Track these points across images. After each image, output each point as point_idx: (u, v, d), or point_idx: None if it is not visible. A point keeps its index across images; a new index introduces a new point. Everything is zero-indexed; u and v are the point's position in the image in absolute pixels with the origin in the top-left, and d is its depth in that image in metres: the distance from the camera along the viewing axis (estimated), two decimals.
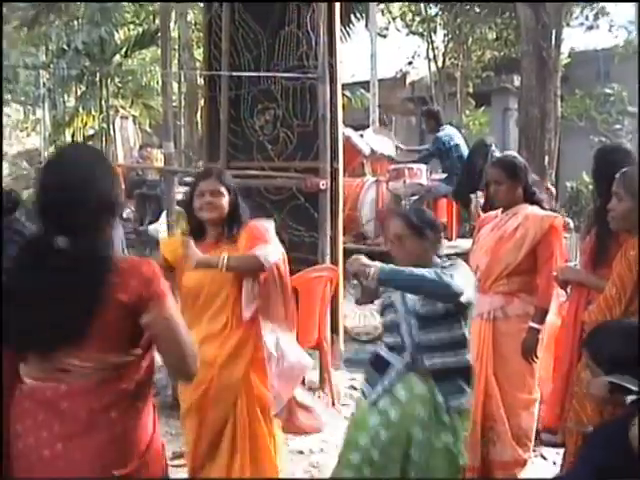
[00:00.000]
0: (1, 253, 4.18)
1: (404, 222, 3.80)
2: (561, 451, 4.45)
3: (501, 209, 4.90)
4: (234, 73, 7.54)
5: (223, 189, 4.24)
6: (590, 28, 18.49)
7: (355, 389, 7.20)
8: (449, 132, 9.86)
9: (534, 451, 5.17)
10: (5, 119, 30.89)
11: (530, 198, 4.83)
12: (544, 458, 5.50)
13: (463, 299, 3.50)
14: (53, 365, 2.61)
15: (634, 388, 2.81)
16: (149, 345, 2.72)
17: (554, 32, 12.68)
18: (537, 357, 4.63)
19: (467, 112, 19.56)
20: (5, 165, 30.89)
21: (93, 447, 2.59)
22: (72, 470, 2.58)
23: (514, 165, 4.87)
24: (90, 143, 24.80)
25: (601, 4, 17.97)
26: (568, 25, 16.76)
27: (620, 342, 2.99)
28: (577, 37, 17.67)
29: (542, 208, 4.82)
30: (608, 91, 16.45)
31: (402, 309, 3.75)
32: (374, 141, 10.65)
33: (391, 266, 3.57)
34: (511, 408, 4.64)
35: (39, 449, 2.59)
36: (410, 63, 20.92)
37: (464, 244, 8.98)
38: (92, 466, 2.59)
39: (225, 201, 4.24)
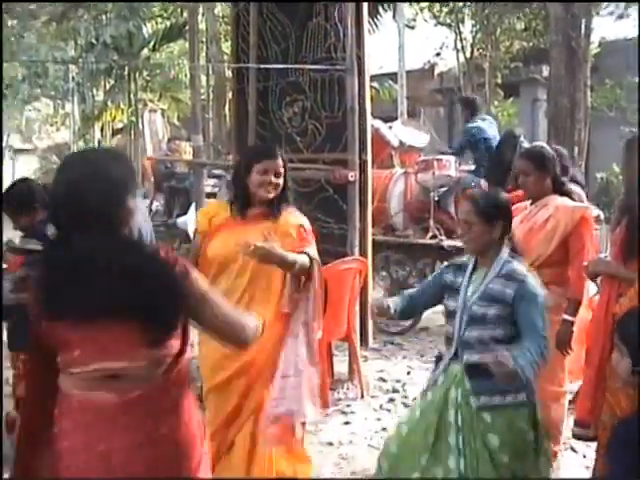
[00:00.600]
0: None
1: (472, 208, 3.73)
2: (592, 444, 4.42)
3: (530, 201, 4.87)
4: (262, 65, 7.54)
5: (283, 170, 4.31)
6: (620, 17, 18.29)
7: (384, 380, 7.23)
8: (479, 124, 9.77)
9: (564, 444, 5.15)
10: (35, 113, 31.25)
11: (559, 189, 4.79)
12: (574, 451, 5.48)
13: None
14: (102, 372, 2.58)
15: None
16: (187, 336, 2.73)
17: (583, 21, 12.58)
18: (571, 349, 4.60)
19: (495, 103, 19.45)
20: (35, 159, 31.24)
21: (150, 457, 2.59)
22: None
23: (542, 156, 4.83)
24: (119, 136, 25.02)
25: None
26: (598, 14, 16.60)
27: None
28: (607, 26, 17.42)
29: (572, 199, 4.79)
30: (638, 81, 16.28)
31: (461, 302, 3.73)
32: (403, 133, 10.61)
33: (521, 359, 3.37)
34: (543, 400, 4.62)
35: (93, 462, 2.58)
36: (438, 54, 20.84)
37: None
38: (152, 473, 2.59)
39: (282, 182, 4.31)
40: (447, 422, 3.68)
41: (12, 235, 4.99)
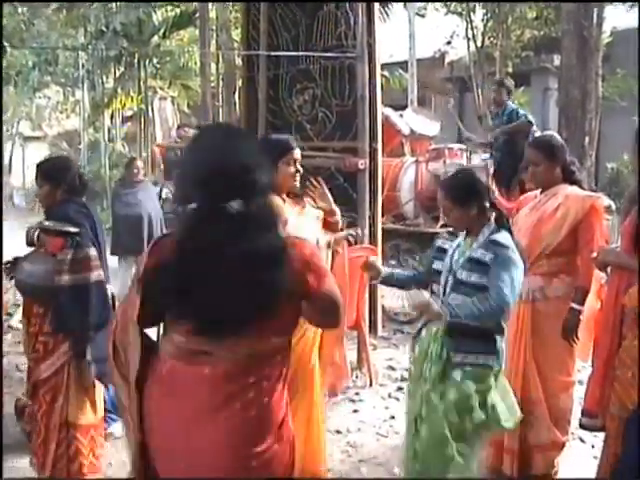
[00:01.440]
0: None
1: (446, 194, 3.91)
2: (600, 435, 4.42)
3: (540, 190, 4.85)
4: (272, 53, 7.54)
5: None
6: (632, 6, 18.20)
7: (393, 369, 7.23)
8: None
9: (572, 434, 5.15)
10: (45, 101, 31.27)
11: (569, 178, 4.76)
12: (582, 441, 5.48)
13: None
14: (199, 349, 2.64)
15: None
16: (293, 331, 2.81)
17: (595, 10, 12.49)
18: (578, 338, 4.59)
19: None
20: (45, 146, 31.30)
21: (230, 429, 2.64)
22: (210, 451, 2.64)
23: (551, 145, 4.79)
24: (129, 124, 25.05)
25: None
26: (610, 2, 16.49)
27: None
28: (619, 15, 17.34)
29: (581, 188, 4.76)
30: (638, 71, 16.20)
31: (447, 264, 3.90)
32: (413, 121, 10.59)
33: (454, 306, 3.63)
34: (550, 390, 4.61)
35: (177, 431, 2.67)
36: (449, 43, 20.77)
37: None
38: (229, 446, 2.64)
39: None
40: (424, 376, 3.85)
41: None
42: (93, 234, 4.52)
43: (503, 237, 3.78)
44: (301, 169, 4.35)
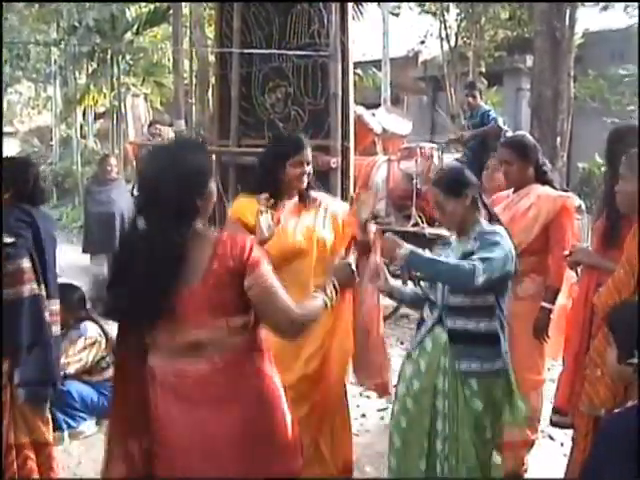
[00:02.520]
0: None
1: (439, 187, 3.88)
2: (569, 432, 4.45)
3: (512, 189, 4.88)
4: (245, 50, 7.51)
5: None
6: (605, 8, 18.33)
7: None
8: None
9: (542, 432, 5.17)
10: (16, 96, 30.99)
11: (541, 178, 4.79)
12: (552, 439, 5.52)
13: (498, 273, 3.62)
14: (184, 339, 2.82)
15: None
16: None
17: (568, 12, 12.56)
18: (548, 337, 4.62)
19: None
20: (16, 142, 31.02)
21: (242, 418, 2.86)
22: (221, 448, 2.84)
23: (524, 145, 4.84)
24: (101, 121, 24.88)
25: None
26: (582, 4, 16.61)
27: None
28: (591, 17, 17.46)
29: (553, 188, 4.79)
30: (622, 72, 16.31)
31: None
32: (386, 120, 10.61)
33: (421, 253, 3.71)
34: (520, 389, 4.63)
35: (186, 435, 2.85)
36: (422, 42, 20.81)
37: None
38: (242, 435, 2.85)
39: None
40: (437, 389, 3.80)
41: None
42: (36, 244, 4.30)
43: (490, 227, 3.81)
44: (310, 170, 4.35)
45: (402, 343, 8.06)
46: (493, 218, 3.92)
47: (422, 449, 3.82)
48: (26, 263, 4.19)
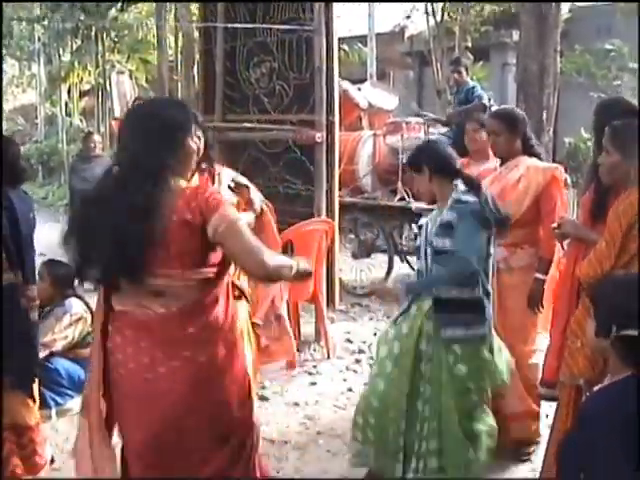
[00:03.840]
0: None
1: (408, 164, 4.18)
2: (554, 404, 4.47)
3: (500, 162, 4.89)
4: (230, 25, 7.48)
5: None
6: None
7: (350, 342, 7.26)
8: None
9: None
10: None
11: (529, 150, 4.80)
12: None
13: (480, 245, 3.81)
14: (145, 289, 2.91)
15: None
16: (222, 264, 3.02)
17: None
18: (543, 307, 4.65)
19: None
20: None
21: (191, 366, 2.94)
22: (173, 390, 2.93)
23: (513, 116, 4.83)
24: (86, 98, 24.72)
25: None
26: None
27: (625, 295, 2.97)
28: None
29: (540, 160, 4.81)
30: (608, 47, 16.26)
31: (424, 237, 4.04)
32: (372, 95, 10.58)
33: (414, 282, 4.05)
34: (519, 360, 4.59)
35: (140, 373, 2.95)
36: (408, 17, 20.69)
37: None
38: (192, 382, 2.95)
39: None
40: (421, 353, 3.93)
41: None
42: (13, 229, 4.22)
43: (464, 196, 3.90)
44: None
45: (389, 317, 8.07)
46: (473, 185, 3.99)
47: (402, 411, 3.93)
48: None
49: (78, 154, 10.71)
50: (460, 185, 3.98)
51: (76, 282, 6.00)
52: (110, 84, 20.70)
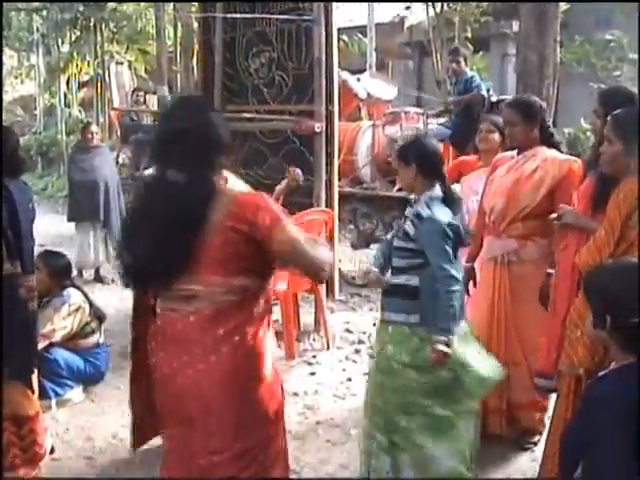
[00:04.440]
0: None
1: (394, 155, 4.28)
2: (553, 396, 4.48)
3: (517, 151, 4.81)
4: (229, 15, 7.46)
5: None
6: None
7: (350, 332, 7.27)
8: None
9: None
10: None
11: (548, 140, 4.72)
12: None
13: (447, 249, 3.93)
14: (180, 293, 2.92)
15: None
16: (268, 275, 3.05)
17: None
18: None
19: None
20: None
21: (220, 371, 2.92)
22: (202, 393, 2.93)
23: (529, 105, 4.73)
24: (85, 89, 24.67)
25: None
26: None
27: (617, 284, 2.97)
28: None
29: (559, 151, 4.73)
30: (608, 37, 16.23)
31: (394, 232, 4.21)
32: (371, 85, 10.58)
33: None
34: (530, 352, 4.62)
35: (173, 376, 2.96)
36: (408, 8, 20.60)
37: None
38: (220, 388, 2.93)
39: None
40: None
41: None
42: (12, 220, 4.25)
43: (425, 210, 3.96)
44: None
45: None
46: (447, 190, 4.08)
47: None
48: None
49: (76, 144, 10.68)
50: (437, 189, 4.04)
51: (74, 273, 6.04)
52: (109, 75, 20.68)
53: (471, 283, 4.86)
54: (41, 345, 5.42)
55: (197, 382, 2.92)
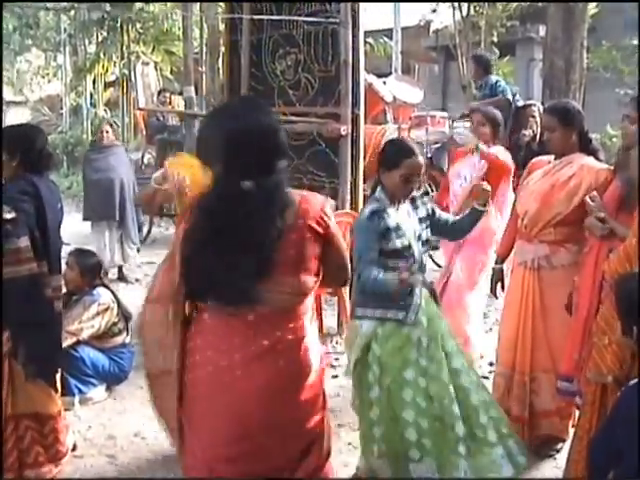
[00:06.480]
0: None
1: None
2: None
3: (554, 156, 4.77)
4: (255, 17, 7.47)
5: None
6: None
7: None
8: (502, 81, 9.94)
9: None
10: (26, 65, 30.90)
11: (586, 147, 4.68)
12: None
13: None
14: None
15: None
16: (319, 274, 3.03)
17: None
18: None
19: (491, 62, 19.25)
20: (26, 111, 30.99)
21: (274, 370, 2.91)
22: (253, 394, 2.88)
23: (567, 111, 4.68)
24: (111, 89, 24.82)
25: None
26: None
27: None
28: None
29: (597, 159, 4.67)
30: (636, 43, 16.13)
31: (411, 234, 4.09)
32: (396, 88, 10.56)
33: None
34: (557, 358, 4.55)
35: (220, 375, 2.90)
36: (434, 11, 20.58)
37: None
38: (272, 387, 2.91)
39: None
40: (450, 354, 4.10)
41: None
42: (39, 218, 4.21)
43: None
44: None
45: None
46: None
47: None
48: (24, 242, 4.09)
49: (91, 144, 10.70)
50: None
51: (102, 272, 6.08)
52: (135, 75, 20.74)
53: (499, 285, 4.84)
54: (68, 342, 5.47)
55: (253, 381, 2.88)
